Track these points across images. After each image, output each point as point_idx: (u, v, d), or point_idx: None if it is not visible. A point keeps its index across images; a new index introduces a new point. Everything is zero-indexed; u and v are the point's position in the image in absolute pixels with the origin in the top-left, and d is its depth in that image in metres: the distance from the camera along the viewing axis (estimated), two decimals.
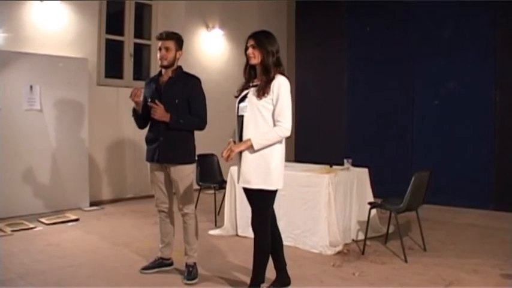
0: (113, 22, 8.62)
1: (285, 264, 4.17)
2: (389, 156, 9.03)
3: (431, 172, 5.50)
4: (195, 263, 4.56)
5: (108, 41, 8.43)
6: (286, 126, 3.66)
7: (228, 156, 3.71)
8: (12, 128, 6.80)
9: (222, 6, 9.88)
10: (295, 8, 11.36)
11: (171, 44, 4.49)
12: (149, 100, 4.45)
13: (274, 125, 3.70)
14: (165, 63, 4.46)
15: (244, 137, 3.75)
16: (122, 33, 8.72)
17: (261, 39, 3.80)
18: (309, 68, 10.86)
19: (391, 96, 9.22)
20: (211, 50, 9.80)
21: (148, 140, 4.54)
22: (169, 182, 4.55)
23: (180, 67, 4.58)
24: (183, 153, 4.44)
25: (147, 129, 4.60)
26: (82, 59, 7.56)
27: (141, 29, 9.31)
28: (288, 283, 4.18)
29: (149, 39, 9.32)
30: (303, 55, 11.05)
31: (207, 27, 9.72)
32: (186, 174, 4.46)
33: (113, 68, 8.55)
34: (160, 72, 4.59)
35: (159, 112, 4.28)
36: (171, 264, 4.78)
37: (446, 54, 8.44)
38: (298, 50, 11.21)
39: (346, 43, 10.05)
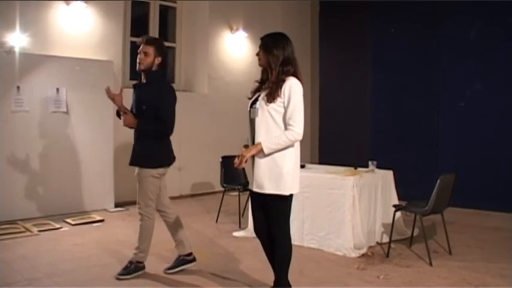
0: (138, 25, 8.71)
1: None
2: (415, 159, 8.93)
3: (456, 175, 5.45)
4: (137, 262, 4.61)
5: (133, 43, 8.49)
6: (297, 130, 3.58)
7: (240, 162, 3.68)
8: (39, 130, 6.91)
9: (245, 8, 9.92)
10: (318, 9, 11.34)
11: (150, 49, 4.46)
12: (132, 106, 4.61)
13: (286, 128, 3.64)
14: (142, 67, 4.48)
15: (256, 141, 3.69)
16: None
17: (267, 41, 3.76)
18: (333, 69, 10.84)
19: (416, 97, 9.13)
20: (235, 52, 9.85)
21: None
22: None
23: (156, 72, 4.57)
24: (149, 157, 4.50)
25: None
26: (107, 62, 7.63)
27: (166, 31, 9.39)
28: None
29: (174, 41, 9.40)
30: (327, 56, 11.04)
31: (231, 29, 9.76)
32: (143, 176, 4.50)
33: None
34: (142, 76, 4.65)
35: (126, 119, 4.43)
36: (193, 260, 4.81)
37: (473, 55, 8.33)
38: (322, 50, 11.20)
39: (371, 44, 9.99)
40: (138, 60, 4.48)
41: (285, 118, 3.63)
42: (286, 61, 3.69)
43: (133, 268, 4.58)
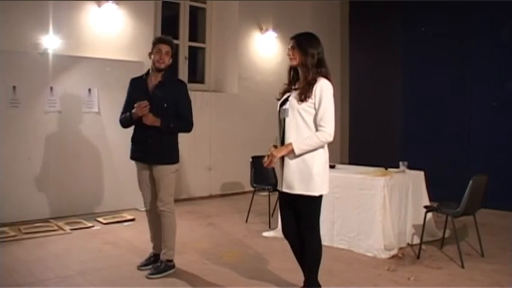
0: (168, 26, 8.77)
1: None
2: (446, 159, 8.81)
3: (489, 176, 5.37)
4: (167, 260, 4.67)
5: None
6: (328, 131, 3.61)
7: (270, 161, 3.71)
8: (72, 130, 7.01)
9: (275, 9, 9.90)
10: (348, 9, 11.28)
11: (170, 49, 4.65)
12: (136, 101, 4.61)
13: (316, 129, 3.65)
14: (163, 66, 4.62)
15: (286, 141, 3.72)
16: (176, 37, 8.85)
17: (301, 40, 3.76)
18: (363, 69, 10.77)
19: (448, 97, 8.99)
20: (264, 52, 9.85)
21: (135, 141, 4.74)
22: (153, 181, 4.68)
23: (169, 71, 4.74)
24: (169, 154, 4.63)
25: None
26: (138, 63, 7.67)
27: (196, 32, 9.44)
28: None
29: (203, 42, 9.45)
30: (357, 56, 10.97)
31: (261, 29, 9.75)
32: (166, 173, 4.59)
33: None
34: (147, 73, 4.75)
35: (150, 118, 4.47)
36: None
37: (505, 54, 8.18)
38: (352, 50, 11.13)
39: (401, 43, 9.90)
40: (158, 59, 4.58)
41: (315, 119, 3.64)
42: (320, 62, 3.72)
43: (163, 267, 4.63)
